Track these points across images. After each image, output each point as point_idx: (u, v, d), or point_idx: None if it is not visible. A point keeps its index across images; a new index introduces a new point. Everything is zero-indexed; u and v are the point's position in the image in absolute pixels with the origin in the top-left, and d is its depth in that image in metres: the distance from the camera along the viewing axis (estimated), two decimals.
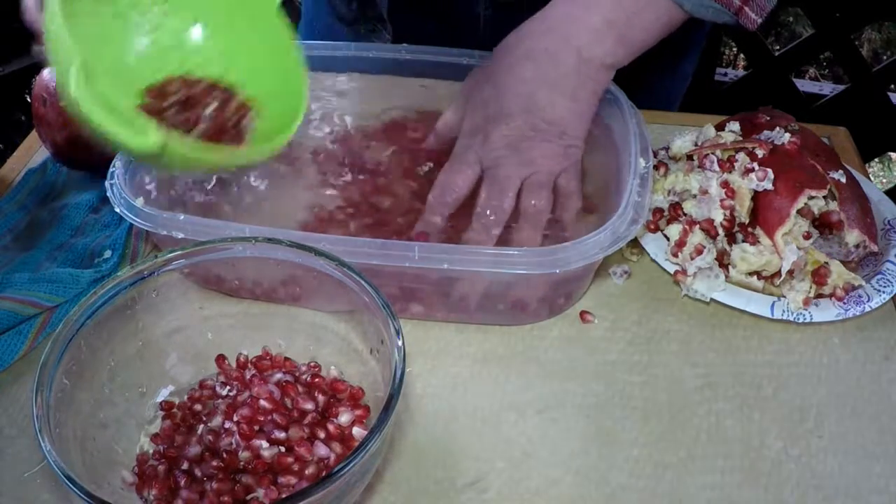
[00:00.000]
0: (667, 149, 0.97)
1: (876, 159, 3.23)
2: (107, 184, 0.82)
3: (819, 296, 0.84)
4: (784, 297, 0.84)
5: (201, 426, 0.69)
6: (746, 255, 0.85)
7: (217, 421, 0.69)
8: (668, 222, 0.90)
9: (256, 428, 0.67)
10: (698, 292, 0.85)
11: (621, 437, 0.75)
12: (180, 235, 0.78)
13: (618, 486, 0.71)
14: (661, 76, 1.21)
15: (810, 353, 0.83)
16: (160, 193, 0.89)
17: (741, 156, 0.89)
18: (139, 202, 0.79)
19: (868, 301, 0.83)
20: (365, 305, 0.68)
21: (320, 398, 0.70)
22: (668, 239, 0.89)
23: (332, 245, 0.74)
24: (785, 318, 0.83)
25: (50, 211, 0.97)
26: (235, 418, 0.68)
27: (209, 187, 0.91)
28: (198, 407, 0.72)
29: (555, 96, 0.83)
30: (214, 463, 0.66)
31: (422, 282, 0.79)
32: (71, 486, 0.55)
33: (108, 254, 0.87)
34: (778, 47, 2.42)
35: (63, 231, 0.94)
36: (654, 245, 0.89)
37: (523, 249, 0.76)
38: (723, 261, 0.87)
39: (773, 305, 0.83)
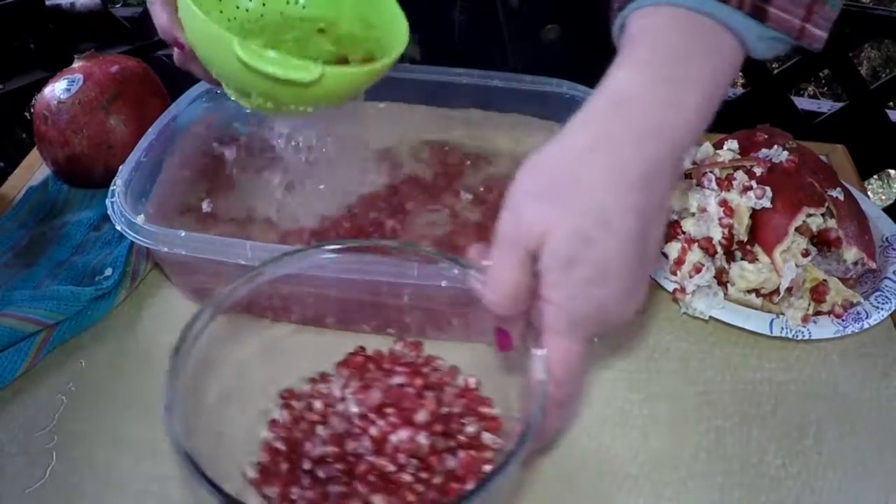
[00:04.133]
0: None
1: (874, 176, 3.24)
2: (107, 202, 0.82)
3: (818, 313, 0.85)
4: (783, 314, 0.84)
5: (320, 427, 0.67)
6: (745, 273, 0.85)
7: (340, 423, 0.67)
8: (667, 240, 0.90)
9: (385, 428, 0.65)
10: (697, 310, 0.85)
11: (621, 454, 0.75)
12: (182, 253, 0.78)
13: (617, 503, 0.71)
14: None
15: (809, 370, 0.83)
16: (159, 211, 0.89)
17: (739, 174, 0.90)
18: (140, 220, 0.80)
19: (866, 318, 0.83)
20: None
21: (453, 404, 0.69)
22: (666, 257, 0.89)
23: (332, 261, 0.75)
24: (784, 335, 0.83)
25: (51, 228, 0.98)
26: (360, 413, 0.67)
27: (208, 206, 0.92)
28: (317, 404, 0.70)
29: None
30: (339, 466, 0.64)
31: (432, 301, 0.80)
32: (202, 478, 0.54)
33: (108, 271, 0.88)
34: (776, 65, 2.43)
35: (64, 249, 0.94)
36: None
37: None
38: (721, 279, 0.87)
39: (771, 323, 0.83)
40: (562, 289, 0.57)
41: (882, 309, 0.84)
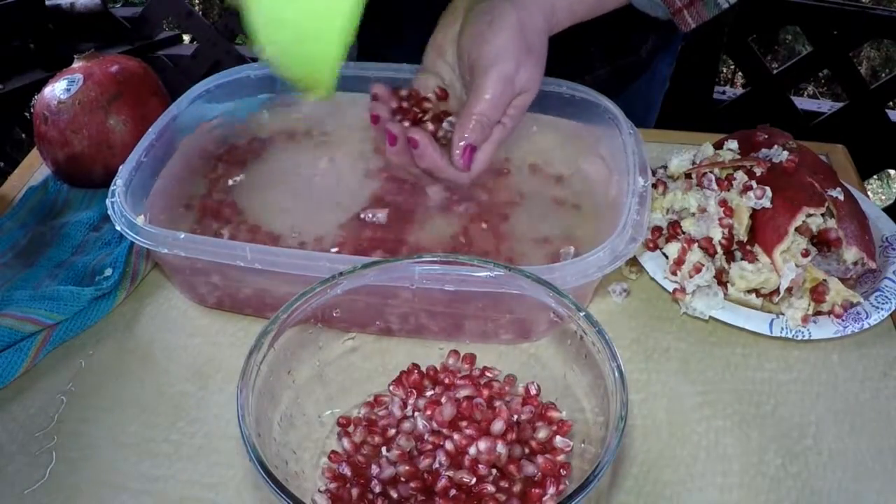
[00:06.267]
0: (665, 167, 0.97)
1: (874, 176, 3.25)
2: (107, 202, 0.83)
3: (818, 313, 0.85)
4: (782, 314, 0.84)
5: (384, 448, 0.68)
6: (745, 273, 0.85)
7: (407, 441, 0.67)
8: (667, 240, 0.91)
9: (462, 441, 0.65)
10: (697, 310, 0.85)
11: (621, 454, 0.75)
12: (181, 254, 0.78)
13: (617, 503, 0.71)
14: (635, 78, 1.22)
15: (809, 370, 0.83)
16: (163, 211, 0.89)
17: (739, 174, 0.90)
18: (140, 220, 0.80)
19: (866, 318, 0.83)
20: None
21: (521, 412, 0.70)
22: (666, 257, 0.89)
23: (331, 263, 0.75)
24: (783, 335, 0.83)
25: (51, 229, 0.98)
26: (431, 429, 0.67)
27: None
28: (381, 421, 0.70)
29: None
30: (414, 484, 0.64)
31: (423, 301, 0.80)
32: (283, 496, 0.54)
33: (108, 272, 0.88)
34: (776, 65, 2.43)
35: (64, 249, 0.94)
36: (653, 263, 0.90)
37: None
38: (721, 279, 0.87)
39: (771, 323, 0.83)
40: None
41: (882, 309, 0.84)
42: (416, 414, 0.69)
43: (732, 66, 3.53)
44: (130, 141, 0.95)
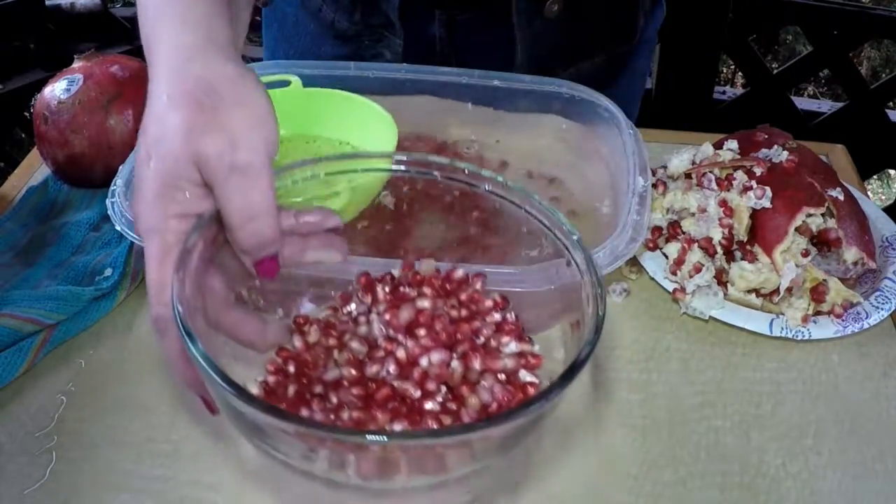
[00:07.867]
0: (665, 167, 0.97)
1: (874, 176, 3.25)
2: (107, 202, 0.82)
3: (817, 313, 0.85)
4: (782, 314, 0.84)
5: (336, 351, 0.61)
6: (745, 273, 0.85)
7: (360, 346, 0.60)
8: (667, 240, 0.91)
9: (415, 350, 0.58)
10: (697, 310, 0.85)
11: (621, 454, 0.75)
12: None
13: (617, 503, 0.71)
14: (613, 73, 1.20)
15: (809, 370, 0.83)
16: None
17: (739, 174, 0.90)
18: None
19: (866, 318, 0.83)
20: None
21: (491, 337, 0.62)
22: (666, 257, 0.89)
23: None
24: (783, 335, 0.83)
25: (51, 229, 0.97)
26: (387, 335, 0.60)
27: None
28: (340, 326, 0.63)
29: None
30: (355, 391, 0.57)
31: None
32: (219, 379, 0.49)
33: (108, 272, 0.88)
34: (776, 65, 2.43)
35: (64, 249, 0.94)
36: (653, 263, 0.90)
37: (520, 267, 0.76)
38: (721, 279, 0.87)
39: (771, 323, 0.83)
40: None
41: (882, 309, 0.84)
42: (374, 318, 0.62)
43: (732, 66, 3.53)
44: (130, 141, 0.95)
